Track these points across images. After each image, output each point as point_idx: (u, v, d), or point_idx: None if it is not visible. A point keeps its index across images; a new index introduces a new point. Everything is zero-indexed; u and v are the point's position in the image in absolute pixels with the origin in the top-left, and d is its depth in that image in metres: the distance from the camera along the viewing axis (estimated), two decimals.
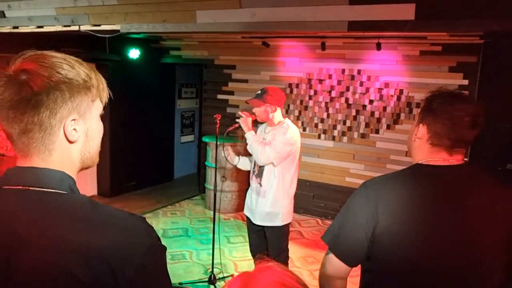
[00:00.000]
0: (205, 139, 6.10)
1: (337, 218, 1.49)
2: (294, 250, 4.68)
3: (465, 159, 1.45)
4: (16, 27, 4.26)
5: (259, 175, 3.27)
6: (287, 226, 3.39)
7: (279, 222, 3.26)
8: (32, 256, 0.82)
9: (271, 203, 3.22)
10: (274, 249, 3.42)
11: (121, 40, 5.18)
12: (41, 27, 4.06)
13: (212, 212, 5.96)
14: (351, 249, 1.41)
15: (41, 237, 0.83)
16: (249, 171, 3.54)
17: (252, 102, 3.18)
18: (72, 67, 0.90)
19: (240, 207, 6.08)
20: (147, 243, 0.88)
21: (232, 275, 4.28)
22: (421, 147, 1.45)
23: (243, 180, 6.06)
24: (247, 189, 5.97)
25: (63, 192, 0.90)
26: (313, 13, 2.79)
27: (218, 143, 4.03)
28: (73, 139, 0.93)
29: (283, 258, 3.49)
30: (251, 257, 4.63)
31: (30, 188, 0.88)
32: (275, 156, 3.05)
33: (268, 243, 3.44)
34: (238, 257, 4.69)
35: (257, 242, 3.53)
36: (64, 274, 0.80)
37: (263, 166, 3.20)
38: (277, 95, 3.18)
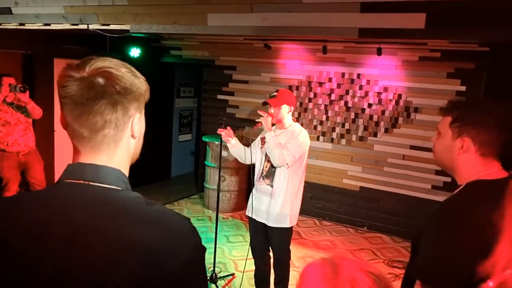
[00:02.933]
0: (205, 138, 6.14)
1: (429, 251, 1.37)
2: (293, 250, 4.70)
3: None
4: (23, 24, 4.26)
5: (269, 176, 3.31)
6: (292, 227, 3.45)
7: (287, 224, 3.31)
8: (91, 246, 0.87)
9: (281, 204, 3.26)
10: (279, 249, 3.47)
11: (122, 39, 5.20)
12: (48, 25, 4.07)
13: (210, 211, 6.03)
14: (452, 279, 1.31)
15: (97, 229, 0.88)
16: (247, 170, 3.53)
17: (271, 102, 3.23)
18: (135, 73, 1.00)
19: (239, 206, 6.14)
20: (193, 241, 0.94)
21: (233, 274, 4.33)
22: (469, 160, 1.41)
23: (242, 180, 6.12)
24: (246, 189, 6.11)
25: (119, 188, 0.97)
26: (324, 20, 2.85)
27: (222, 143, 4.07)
28: (137, 135, 1.03)
29: (286, 258, 3.55)
30: (250, 256, 4.69)
31: (91, 183, 0.94)
32: (290, 159, 3.12)
33: (273, 243, 3.48)
34: (238, 256, 4.74)
35: (260, 243, 3.56)
36: (118, 265, 0.86)
37: (274, 168, 3.24)
38: (291, 96, 3.30)
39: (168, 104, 7.51)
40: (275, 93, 3.29)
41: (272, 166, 3.26)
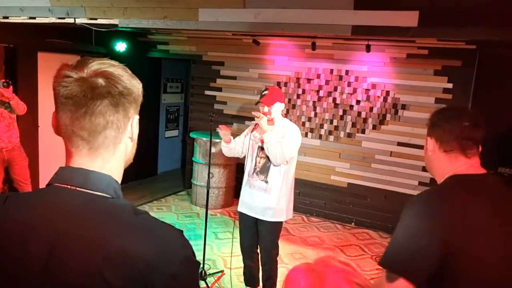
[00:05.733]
0: (193, 135, 6.09)
1: (396, 239, 1.40)
2: (282, 247, 4.72)
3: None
4: (6, 17, 4.14)
5: (263, 172, 3.31)
6: (283, 222, 3.46)
7: (283, 218, 3.36)
8: (71, 255, 0.85)
9: (277, 199, 3.28)
10: (269, 244, 3.48)
11: (108, 33, 5.11)
12: (34, 18, 3.96)
13: (198, 208, 6.00)
14: (418, 267, 1.33)
15: (82, 237, 0.86)
16: (236, 167, 3.52)
17: (264, 101, 3.25)
18: (132, 75, 0.98)
19: (227, 203, 6.13)
20: (182, 255, 0.89)
21: (222, 271, 4.32)
22: (439, 159, 1.52)
23: (230, 176, 6.10)
24: (234, 186, 6.10)
25: (109, 196, 0.93)
26: (317, 16, 2.84)
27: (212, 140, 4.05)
28: (135, 136, 1.01)
29: (275, 253, 3.56)
30: (239, 253, 4.68)
31: (79, 188, 0.91)
32: (289, 156, 3.17)
33: (263, 238, 3.48)
34: (226, 253, 4.73)
35: (251, 239, 3.57)
36: (97, 277, 0.83)
37: (269, 163, 3.25)
38: (281, 93, 3.35)
39: (155, 100, 7.42)
40: (266, 92, 3.31)
41: (266, 162, 3.27)
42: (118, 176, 0.99)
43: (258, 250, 3.63)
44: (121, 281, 0.82)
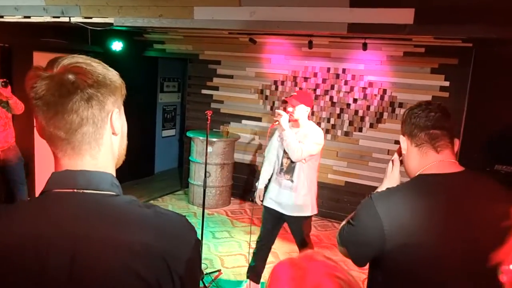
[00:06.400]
0: (189, 134, 6.08)
1: (347, 226, 1.53)
2: (280, 246, 4.75)
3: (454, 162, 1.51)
4: (1, 17, 4.11)
5: (289, 172, 3.50)
6: (310, 216, 3.65)
7: (309, 212, 3.56)
8: (97, 257, 0.84)
9: (303, 196, 3.49)
10: (301, 237, 3.67)
11: (104, 32, 5.09)
12: (28, 17, 3.94)
13: (195, 207, 5.99)
14: (360, 256, 1.50)
15: (102, 238, 0.85)
16: (233, 167, 3.56)
17: (290, 100, 3.42)
18: (108, 67, 0.96)
19: (224, 202, 6.12)
20: (192, 240, 0.94)
21: (219, 270, 4.31)
22: (411, 155, 1.52)
23: (227, 176, 6.09)
24: (231, 185, 6.10)
25: (114, 193, 0.93)
26: (313, 14, 2.83)
27: (208, 139, 4.03)
28: (117, 131, 0.98)
29: (309, 246, 3.72)
30: (237, 252, 4.69)
31: (85, 191, 0.90)
32: (307, 154, 3.35)
33: (295, 233, 3.68)
34: (224, 252, 4.72)
35: (271, 233, 3.74)
36: (129, 273, 0.84)
37: (294, 164, 3.44)
38: (309, 97, 3.55)
39: (152, 99, 7.40)
40: (294, 93, 3.53)
41: (291, 162, 3.45)
42: (112, 172, 0.98)
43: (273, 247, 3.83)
44: (152, 273, 0.85)
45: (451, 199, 1.39)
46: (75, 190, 0.89)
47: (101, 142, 0.94)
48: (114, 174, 0.98)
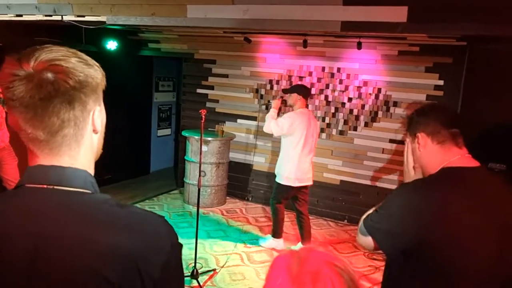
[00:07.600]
0: (185, 133, 6.06)
1: (375, 214, 1.56)
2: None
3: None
4: None
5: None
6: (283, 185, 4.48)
7: (278, 179, 4.50)
8: (60, 257, 0.81)
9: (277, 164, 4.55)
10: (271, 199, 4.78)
11: (98, 31, 5.07)
12: (20, 16, 3.91)
13: (191, 206, 5.97)
14: (389, 244, 1.50)
15: (68, 238, 0.82)
16: (228, 165, 3.65)
17: (285, 89, 4.51)
18: (88, 62, 0.90)
19: (219, 201, 6.11)
20: (170, 243, 0.90)
21: (214, 269, 4.30)
22: (432, 152, 1.52)
23: (222, 175, 6.07)
24: (227, 184, 6.09)
25: (88, 191, 0.89)
26: (306, 12, 2.83)
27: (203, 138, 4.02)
28: (99, 129, 0.95)
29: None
30: (231, 251, 4.68)
31: (56, 187, 0.86)
32: (268, 130, 4.30)
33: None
34: (219, 251, 4.71)
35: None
36: (94, 275, 0.81)
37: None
38: (303, 88, 4.38)
39: (147, 99, 7.38)
40: (293, 85, 4.63)
41: None
42: (91, 170, 0.94)
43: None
44: (120, 276, 0.81)
45: (483, 190, 1.42)
46: (45, 186, 0.86)
47: (81, 143, 0.91)
48: (93, 172, 0.95)
